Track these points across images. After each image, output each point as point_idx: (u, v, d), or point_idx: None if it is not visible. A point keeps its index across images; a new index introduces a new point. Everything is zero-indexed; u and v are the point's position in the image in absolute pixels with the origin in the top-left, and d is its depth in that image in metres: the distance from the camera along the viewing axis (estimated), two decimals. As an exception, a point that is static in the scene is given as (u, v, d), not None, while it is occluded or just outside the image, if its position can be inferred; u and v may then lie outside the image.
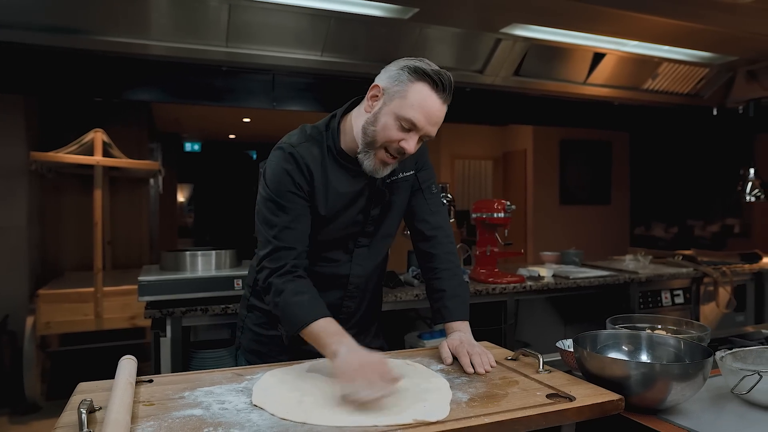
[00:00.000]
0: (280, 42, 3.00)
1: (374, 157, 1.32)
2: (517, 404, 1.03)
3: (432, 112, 1.27)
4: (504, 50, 3.42)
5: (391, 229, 1.51)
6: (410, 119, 1.26)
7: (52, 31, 2.72)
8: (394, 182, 1.46)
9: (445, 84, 1.27)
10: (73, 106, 4.83)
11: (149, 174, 4.92)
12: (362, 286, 1.51)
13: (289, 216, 1.34)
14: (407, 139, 1.28)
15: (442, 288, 1.46)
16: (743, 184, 4.01)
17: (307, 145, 1.38)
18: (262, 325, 1.54)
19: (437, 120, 1.30)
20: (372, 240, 1.49)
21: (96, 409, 1.01)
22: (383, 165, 1.33)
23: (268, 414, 0.99)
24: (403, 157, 1.33)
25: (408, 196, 1.51)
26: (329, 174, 1.38)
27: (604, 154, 7.04)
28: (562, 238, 6.53)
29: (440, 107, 1.29)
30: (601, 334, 1.33)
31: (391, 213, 1.48)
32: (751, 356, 1.32)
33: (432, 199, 1.54)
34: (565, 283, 2.89)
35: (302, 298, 1.27)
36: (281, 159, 1.36)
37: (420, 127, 1.28)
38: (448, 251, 1.51)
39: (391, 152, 1.31)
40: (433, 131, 1.31)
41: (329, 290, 1.46)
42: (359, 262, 1.48)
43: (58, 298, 3.71)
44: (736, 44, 3.54)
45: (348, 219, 1.42)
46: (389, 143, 1.29)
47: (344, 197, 1.40)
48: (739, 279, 3.53)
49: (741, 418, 1.12)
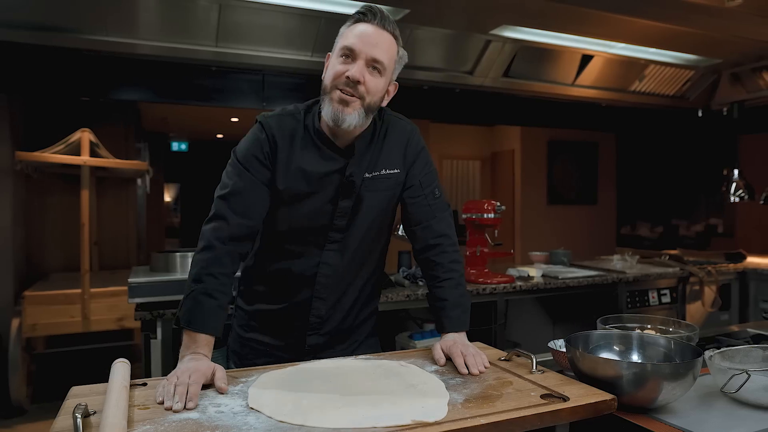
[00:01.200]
0: (271, 42, 2.99)
1: (330, 100, 1.32)
2: (513, 405, 1.04)
3: (364, 34, 1.29)
4: (493, 52, 3.44)
5: (366, 228, 1.43)
6: (346, 45, 1.30)
7: (37, 30, 2.68)
8: (375, 177, 1.41)
9: (377, 13, 1.30)
10: (59, 105, 4.77)
11: (137, 174, 4.88)
12: (332, 286, 1.44)
13: (244, 182, 1.34)
14: (350, 67, 1.29)
15: (445, 297, 1.43)
16: (728, 185, 4.07)
17: (279, 118, 1.40)
18: (243, 327, 1.53)
19: (374, 41, 1.29)
20: (345, 237, 1.42)
21: (91, 414, 1.00)
22: (342, 104, 1.30)
23: (265, 417, 0.99)
24: (356, 88, 1.29)
25: (390, 196, 1.45)
26: (297, 149, 1.37)
27: (591, 154, 7.11)
28: (550, 237, 6.58)
29: (374, 30, 1.30)
30: (592, 334, 1.35)
31: (366, 210, 1.41)
32: (739, 355, 1.35)
33: (435, 203, 1.49)
34: (555, 283, 2.92)
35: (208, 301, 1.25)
36: (253, 129, 1.40)
37: (357, 50, 1.28)
38: (452, 260, 1.46)
39: (342, 88, 1.30)
40: (378, 53, 1.29)
41: (298, 287, 1.43)
42: (328, 260, 1.42)
43: (45, 300, 3.67)
44: (720, 47, 3.60)
45: (314, 206, 1.38)
46: (337, 79, 1.30)
47: (309, 177, 1.36)
48: (723, 278, 3.59)
49: (729, 416, 1.14)
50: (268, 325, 1.50)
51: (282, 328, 1.49)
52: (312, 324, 1.47)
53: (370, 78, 1.30)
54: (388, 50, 1.32)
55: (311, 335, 1.47)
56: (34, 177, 4.28)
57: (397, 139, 1.46)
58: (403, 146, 1.47)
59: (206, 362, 1.19)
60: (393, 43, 1.34)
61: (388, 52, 1.32)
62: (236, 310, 1.57)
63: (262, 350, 1.49)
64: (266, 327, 1.50)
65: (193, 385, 1.08)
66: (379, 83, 1.33)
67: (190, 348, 1.22)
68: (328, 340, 1.50)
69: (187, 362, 1.18)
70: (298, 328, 1.47)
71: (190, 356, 1.20)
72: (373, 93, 1.32)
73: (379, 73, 1.32)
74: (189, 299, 1.26)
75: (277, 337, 1.49)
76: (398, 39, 1.36)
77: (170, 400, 1.05)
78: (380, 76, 1.33)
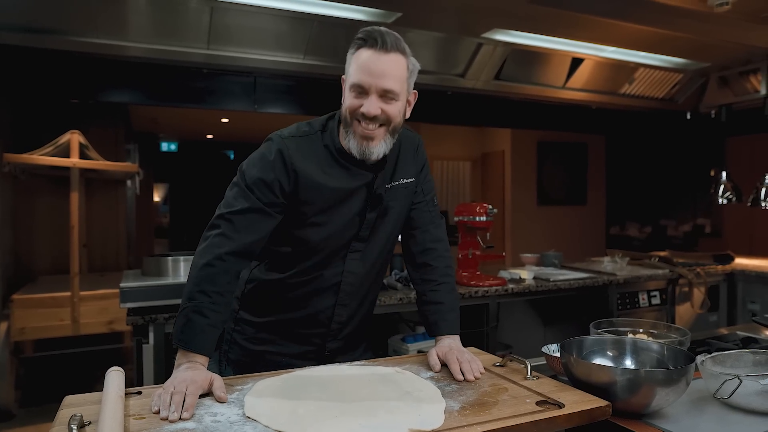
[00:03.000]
0: (263, 45, 2.98)
1: (353, 134, 1.32)
2: (508, 412, 1.05)
3: (370, 65, 1.28)
4: (485, 55, 3.46)
5: (387, 236, 1.48)
6: (355, 83, 1.29)
7: (27, 32, 2.66)
8: (394, 188, 1.44)
9: (377, 37, 1.28)
10: (48, 106, 4.72)
11: (126, 175, 4.84)
12: (354, 293, 1.47)
13: (249, 204, 1.31)
14: (364, 102, 1.29)
15: (441, 300, 1.47)
16: (716, 187, 4.12)
17: (296, 140, 1.37)
18: (250, 340, 1.50)
19: (380, 71, 1.28)
20: (367, 245, 1.45)
21: (86, 425, 0.99)
22: (366, 140, 1.31)
23: (262, 426, 0.99)
24: (370, 124, 1.30)
25: (407, 204, 1.50)
26: (321, 170, 1.36)
27: (580, 155, 7.15)
28: (540, 238, 6.61)
29: (378, 58, 1.28)
30: (586, 339, 1.36)
31: (388, 218, 1.45)
32: (730, 359, 1.36)
33: (434, 211, 1.55)
34: (546, 285, 2.94)
35: (198, 319, 1.23)
36: (267, 148, 1.36)
37: (366, 86, 1.28)
38: (447, 265, 1.52)
39: (360, 120, 1.31)
40: (386, 83, 1.28)
41: (322, 297, 1.45)
42: (352, 269, 1.44)
43: (33, 303, 3.63)
44: (708, 51, 3.65)
45: (343, 220, 1.39)
46: (353, 113, 1.31)
47: (338, 194, 1.36)
48: (712, 280, 3.63)
49: (721, 421, 1.16)
50: (285, 334, 1.49)
51: (301, 337, 1.49)
52: (333, 330, 1.49)
53: (386, 107, 1.31)
54: (397, 74, 1.30)
55: (330, 341, 1.50)
56: (22, 179, 4.23)
57: (409, 149, 1.50)
58: (412, 156, 1.51)
59: (203, 372, 1.18)
60: (401, 61, 1.31)
61: (398, 76, 1.31)
62: (239, 324, 1.52)
63: (278, 362, 1.46)
64: (283, 337, 1.49)
65: (189, 396, 1.07)
66: (395, 107, 1.33)
67: (186, 357, 1.22)
68: (344, 344, 1.53)
69: (183, 371, 1.17)
70: (319, 335, 1.49)
71: (186, 365, 1.20)
72: (393, 117, 1.33)
73: (393, 99, 1.31)
74: (181, 317, 1.25)
75: (294, 346, 1.49)
76: (405, 52, 1.33)
77: (166, 409, 1.04)
78: (396, 101, 1.32)
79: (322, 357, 1.50)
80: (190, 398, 1.07)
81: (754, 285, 3.65)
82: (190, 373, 1.15)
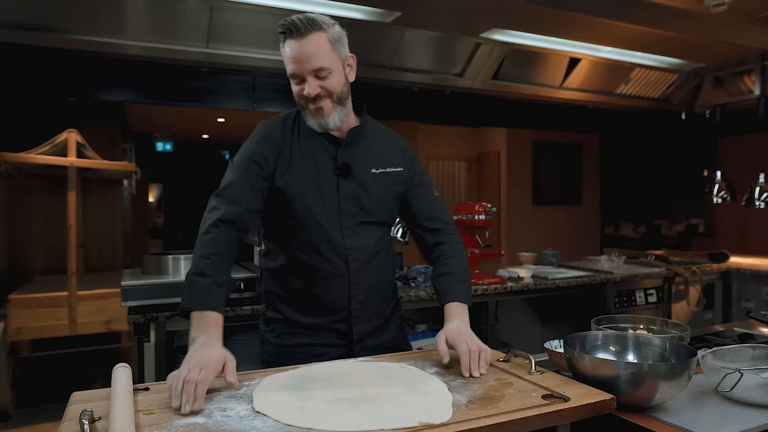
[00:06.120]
0: (262, 43, 2.99)
1: (308, 113, 1.45)
2: (515, 406, 1.06)
3: (293, 55, 1.38)
4: (483, 54, 3.47)
5: (378, 210, 1.52)
6: (290, 73, 1.42)
7: (24, 29, 2.65)
8: (383, 173, 1.54)
9: (291, 27, 1.37)
10: (44, 104, 4.70)
11: (124, 175, 4.83)
12: (363, 270, 1.51)
13: (236, 176, 1.43)
14: (303, 86, 1.41)
15: (451, 271, 1.52)
16: (710, 187, 4.15)
17: (277, 120, 1.53)
18: (281, 336, 1.54)
19: (304, 56, 1.37)
20: (358, 221, 1.50)
21: (96, 420, 1.00)
22: (318, 113, 1.43)
23: (272, 420, 1.00)
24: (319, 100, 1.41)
25: (398, 192, 1.57)
26: (301, 141, 1.49)
27: (575, 155, 7.19)
28: (535, 237, 6.64)
29: (299, 45, 1.37)
30: (589, 335, 1.37)
31: (373, 196, 1.51)
32: (730, 354, 1.38)
33: (436, 201, 1.64)
34: (544, 283, 2.96)
35: (201, 281, 1.29)
36: (254, 134, 1.51)
37: (298, 73, 1.39)
38: (456, 241, 1.60)
39: (307, 101, 1.42)
40: (313, 63, 1.37)
41: (335, 279, 1.49)
42: (352, 245, 1.49)
43: (30, 303, 3.62)
44: (703, 52, 3.68)
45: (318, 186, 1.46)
46: (300, 98, 1.44)
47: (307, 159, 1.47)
48: (708, 278, 3.66)
49: (723, 414, 1.18)
50: (312, 326, 1.52)
51: (327, 325, 1.52)
52: (355, 312, 1.51)
53: (323, 83, 1.41)
54: (320, 52, 1.38)
55: (356, 324, 1.52)
56: (18, 178, 4.21)
57: (391, 145, 1.61)
58: (400, 150, 1.62)
59: (217, 351, 1.20)
60: (320, 38, 1.38)
61: (321, 53, 1.38)
62: (269, 324, 1.58)
63: (310, 352, 1.49)
64: (309, 328, 1.52)
65: (200, 385, 1.08)
66: (333, 80, 1.42)
67: (198, 328, 1.24)
68: (372, 326, 1.55)
69: (198, 349, 1.19)
70: (344, 320, 1.52)
71: (200, 340, 1.21)
72: (333, 89, 1.42)
73: (328, 72, 1.40)
74: (186, 284, 1.30)
75: (324, 335, 1.52)
76: (321, 27, 1.39)
77: (178, 398, 1.06)
78: (330, 73, 1.41)
79: (351, 342, 1.52)
80: (201, 387, 1.08)
81: (749, 283, 3.69)
82: (205, 353, 1.17)
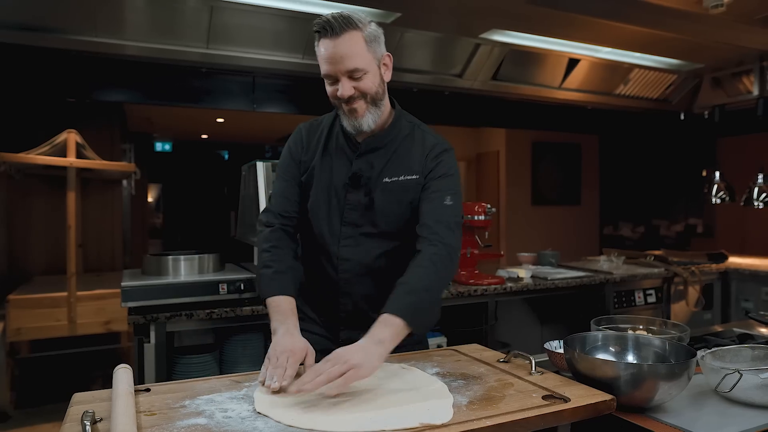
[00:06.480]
0: (262, 44, 2.99)
1: (343, 114, 1.44)
2: (515, 406, 1.06)
3: (328, 55, 1.36)
4: (482, 55, 3.48)
5: (381, 224, 1.46)
6: (324, 74, 1.40)
7: (23, 29, 2.65)
8: (395, 182, 1.47)
9: (326, 26, 1.34)
10: (43, 105, 4.69)
11: (123, 176, 4.82)
12: (355, 283, 1.48)
13: (279, 182, 1.55)
14: (339, 87, 1.39)
15: (405, 281, 1.31)
16: (709, 187, 4.16)
17: (312, 122, 1.58)
18: None
19: (338, 56, 1.35)
20: (359, 234, 1.47)
21: (98, 421, 1.00)
22: (352, 115, 1.42)
23: (273, 421, 1.00)
24: (352, 101, 1.39)
25: (411, 200, 1.46)
26: (330, 144, 1.52)
27: (574, 155, 7.19)
28: (534, 238, 6.65)
29: (333, 45, 1.34)
30: (589, 335, 1.38)
31: (377, 206, 1.45)
32: (729, 354, 1.39)
33: (440, 208, 1.42)
34: (544, 284, 2.96)
35: (266, 272, 1.43)
36: (291, 137, 1.58)
37: (333, 73, 1.38)
38: (435, 252, 1.35)
39: (341, 102, 1.41)
40: (348, 64, 1.35)
41: (326, 284, 1.53)
42: (345, 256, 1.48)
43: (30, 304, 3.61)
44: (702, 52, 3.69)
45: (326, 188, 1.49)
46: (334, 99, 1.43)
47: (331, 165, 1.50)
48: (706, 278, 3.67)
49: (722, 414, 1.18)
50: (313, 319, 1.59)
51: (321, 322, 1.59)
52: (342, 319, 1.53)
53: (358, 84, 1.38)
54: (355, 51, 1.35)
55: (343, 330, 1.54)
56: (17, 178, 4.21)
57: (420, 147, 1.50)
58: (424, 156, 1.49)
59: (299, 341, 1.28)
60: (355, 37, 1.35)
61: (356, 52, 1.35)
62: None
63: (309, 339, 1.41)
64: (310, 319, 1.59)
65: (290, 368, 1.17)
66: (368, 80, 1.39)
67: (276, 320, 1.34)
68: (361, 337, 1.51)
69: (281, 337, 1.28)
70: (333, 326, 1.56)
71: (282, 330, 1.30)
72: (368, 90, 1.40)
73: (362, 73, 1.37)
74: (256, 278, 1.42)
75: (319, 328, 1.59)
76: (357, 26, 1.35)
77: (270, 379, 1.15)
78: (365, 73, 1.38)
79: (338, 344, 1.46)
80: (290, 370, 1.17)
81: (748, 283, 3.69)
82: (289, 342, 1.26)
